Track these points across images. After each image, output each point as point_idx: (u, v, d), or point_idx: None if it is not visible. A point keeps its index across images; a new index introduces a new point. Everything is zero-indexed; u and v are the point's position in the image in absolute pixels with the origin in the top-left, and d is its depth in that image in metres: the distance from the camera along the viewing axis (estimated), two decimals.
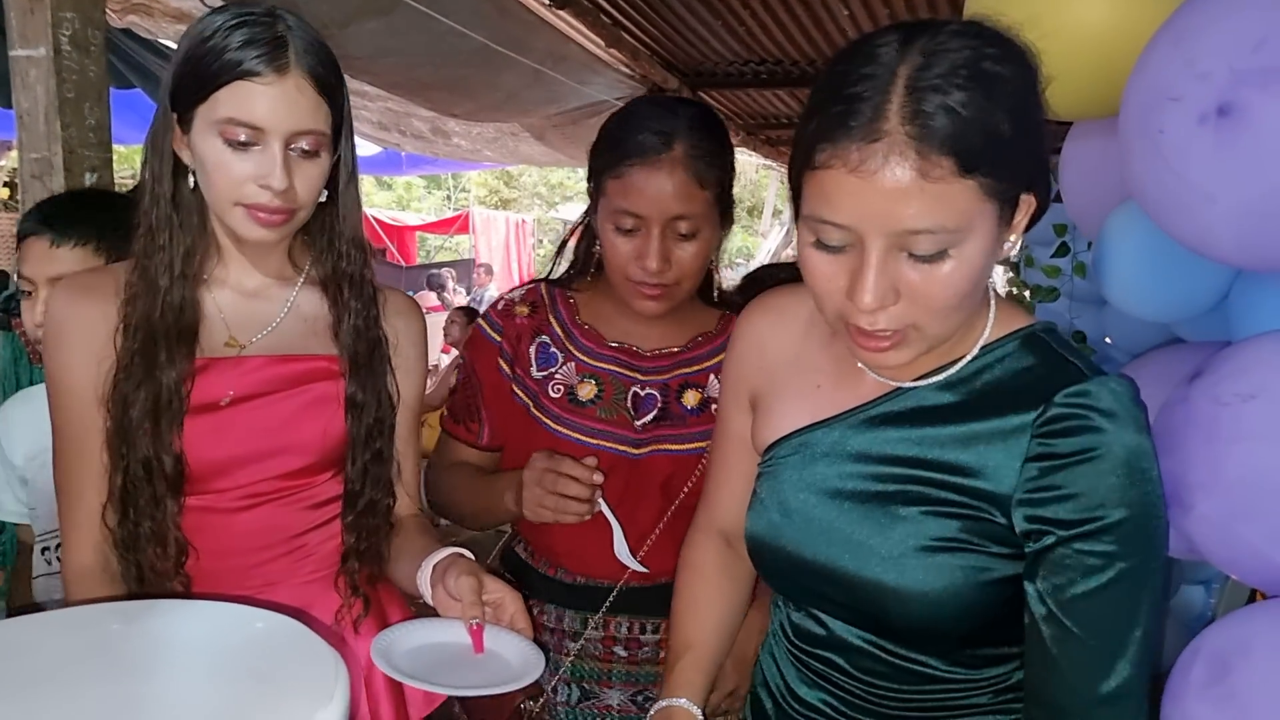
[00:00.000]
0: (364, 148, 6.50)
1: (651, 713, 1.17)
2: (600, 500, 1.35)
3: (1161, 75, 1.10)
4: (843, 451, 1.03)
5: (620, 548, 1.41)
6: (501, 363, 1.49)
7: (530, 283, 1.59)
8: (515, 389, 1.49)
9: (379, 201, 18.53)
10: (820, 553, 1.02)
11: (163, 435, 1.16)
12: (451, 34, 3.93)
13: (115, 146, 2.62)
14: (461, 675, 1.09)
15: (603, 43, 4.86)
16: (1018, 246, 0.94)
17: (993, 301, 1.01)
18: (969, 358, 0.99)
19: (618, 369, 1.49)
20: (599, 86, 5.27)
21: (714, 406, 1.44)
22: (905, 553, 0.96)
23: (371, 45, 3.95)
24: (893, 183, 0.82)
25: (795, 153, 0.92)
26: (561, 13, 4.36)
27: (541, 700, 1.52)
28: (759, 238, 14.83)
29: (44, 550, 1.67)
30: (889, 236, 0.85)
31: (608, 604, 1.48)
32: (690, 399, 1.49)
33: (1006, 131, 0.83)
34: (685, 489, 1.46)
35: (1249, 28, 1.03)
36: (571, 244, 1.59)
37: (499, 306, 1.53)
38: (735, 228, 1.53)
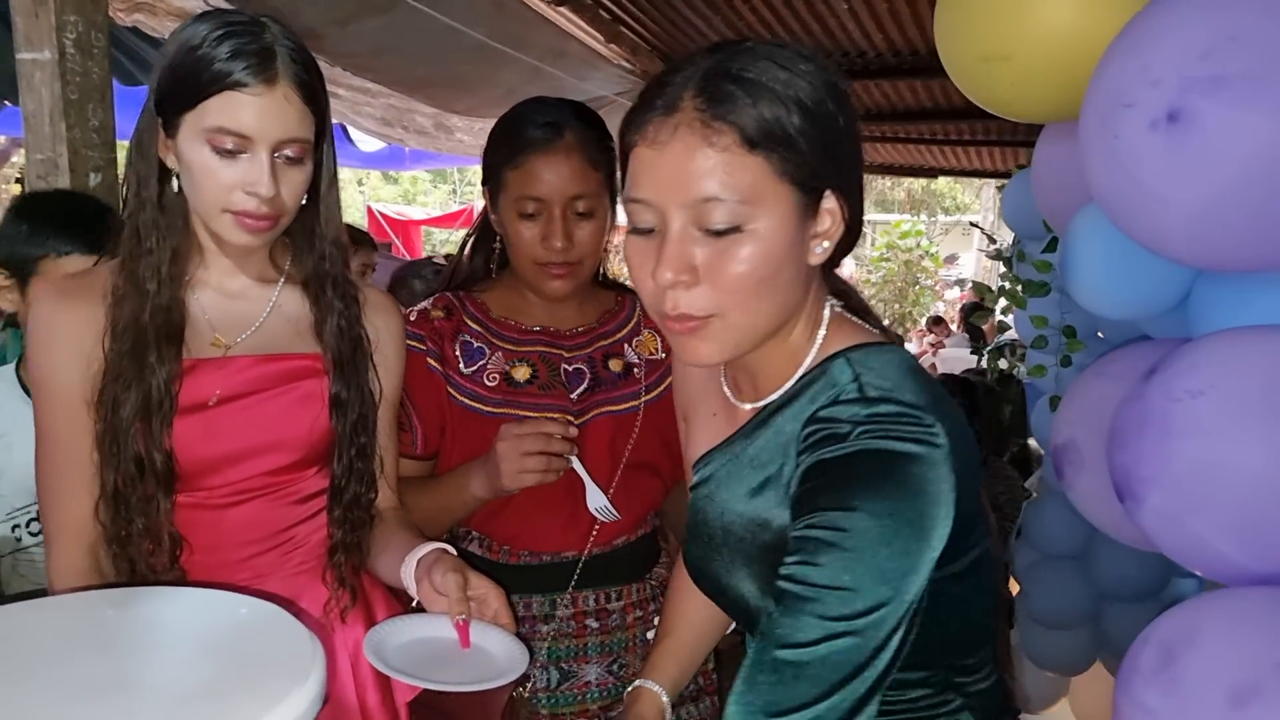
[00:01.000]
0: (367, 143, 6.52)
1: (628, 690, 1.24)
2: (572, 456, 1.44)
3: (1116, 82, 1.14)
4: (723, 485, 1.06)
5: (594, 498, 1.50)
6: (431, 362, 1.54)
7: (434, 293, 1.66)
8: (449, 387, 1.55)
9: (385, 196, 18.59)
10: (718, 576, 1.05)
11: (154, 434, 1.19)
12: (450, 31, 3.97)
13: (121, 143, 2.67)
14: (450, 671, 1.13)
15: (602, 38, 4.89)
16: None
17: (825, 322, 1.01)
18: (793, 379, 1.00)
19: (545, 349, 1.59)
20: (599, 82, 5.30)
21: (636, 370, 1.61)
22: (762, 575, 0.99)
23: (371, 43, 3.98)
24: (682, 150, 0.88)
25: (618, 149, 0.99)
26: (561, 9, 4.39)
27: (529, 685, 1.58)
28: None
29: (14, 527, 1.71)
30: (685, 208, 0.89)
31: (575, 577, 1.56)
32: (615, 366, 1.62)
33: (794, 121, 0.89)
34: (628, 447, 1.57)
35: (1197, 38, 1.07)
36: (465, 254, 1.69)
37: (412, 318, 1.57)
38: None
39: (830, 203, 0.94)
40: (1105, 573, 2.41)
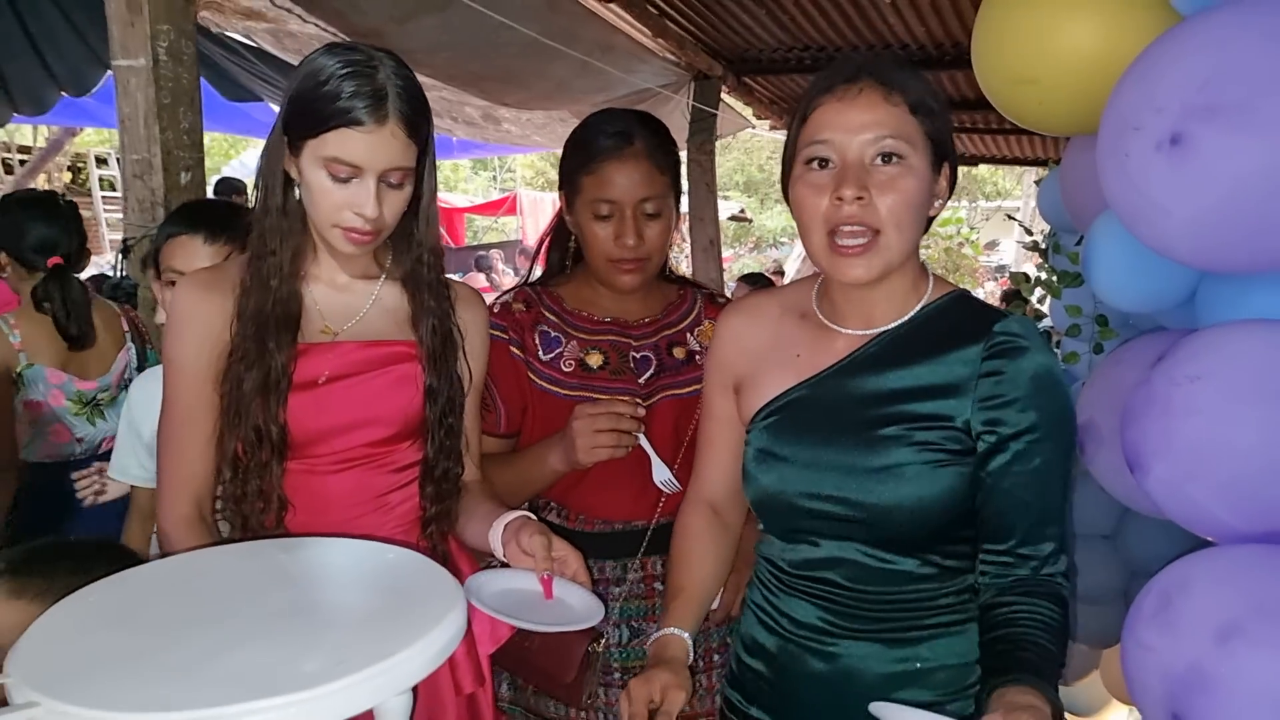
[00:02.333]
0: None
1: (651, 639, 1.37)
2: (639, 434, 1.59)
3: (1127, 107, 1.28)
4: (830, 398, 1.28)
5: (659, 472, 1.64)
6: (513, 349, 1.71)
7: (514, 287, 1.82)
8: (529, 373, 1.70)
9: None
10: (819, 484, 1.26)
11: (271, 408, 1.35)
12: (503, 28, 4.08)
13: None
14: (537, 614, 1.29)
15: (649, 33, 4.99)
16: (944, 208, 1.29)
17: (931, 276, 1.32)
18: (916, 309, 1.28)
19: (615, 338, 1.74)
20: (646, 75, 5.39)
21: (698, 357, 1.73)
22: (893, 466, 1.21)
23: (428, 40, 4.09)
24: (867, 103, 1.20)
25: (794, 122, 1.27)
26: (610, 5, 4.51)
27: (603, 641, 1.73)
28: None
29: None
30: (866, 144, 1.19)
31: (645, 543, 1.71)
32: (679, 353, 1.76)
33: (936, 105, 1.23)
34: (691, 427, 1.69)
35: (1197, 70, 1.21)
36: (543, 252, 1.86)
37: (495, 310, 1.72)
38: (779, 207, 1.82)
39: (945, 170, 1.25)
40: (1135, 550, 2.52)
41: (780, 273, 10.01)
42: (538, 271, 1.88)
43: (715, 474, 1.46)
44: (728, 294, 5.91)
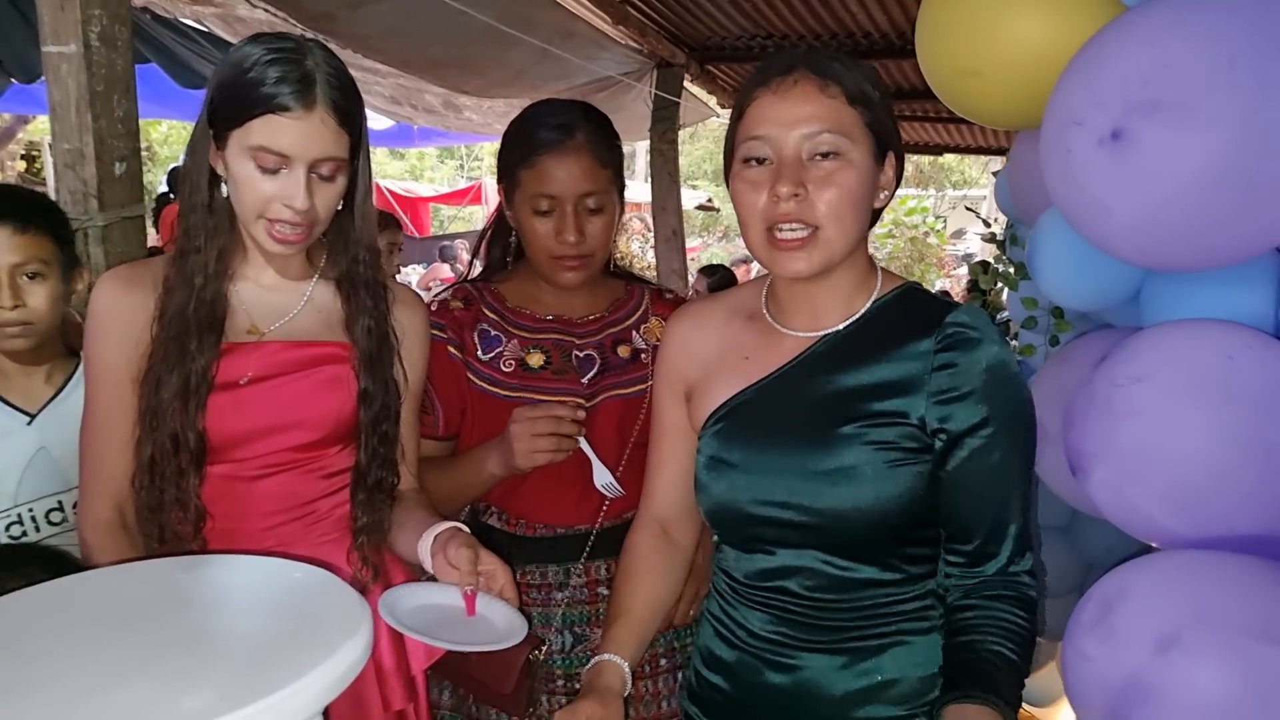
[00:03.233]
0: (376, 121, 6.58)
1: (588, 667, 1.33)
2: (580, 438, 1.55)
3: (1069, 102, 1.25)
4: (779, 400, 1.24)
5: (600, 475, 1.60)
6: (451, 349, 1.65)
7: (454, 284, 1.77)
8: (468, 373, 1.65)
9: (392, 172, 18.54)
10: (770, 490, 1.22)
11: (189, 414, 1.30)
12: (459, 13, 4.02)
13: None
14: (454, 632, 1.24)
15: (610, 20, 4.94)
16: (891, 199, 1.25)
17: (879, 271, 1.29)
18: (866, 306, 1.25)
19: (557, 336, 1.69)
20: (607, 62, 5.35)
21: (644, 355, 1.69)
22: (848, 468, 1.18)
23: (382, 25, 4.03)
24: (802, 95, 1.16)
25: (733, 115, 1.23)
26: None
27: (545, 648, 1.69)
28: None
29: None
30: (802, 139, 1.15)
31: (588, 548, 1.67)
32: (623, 351, 1.71)
33: (875, 94, 1.19)
34: (636, 427, 1.66)
35: (1138, 65, 1.19)
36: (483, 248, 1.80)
37: (433, 308, 1.67)
38: None
39: (890, 161, 1.22)
40: (1091, 543, 2.52)
41: (748, 260, 9.98)
42: (478, 268, 1.83)
43: (667, 491, 1.42)
44: (690, 283, 5.90)
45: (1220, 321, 1.34)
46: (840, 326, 1.25)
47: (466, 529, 1.35)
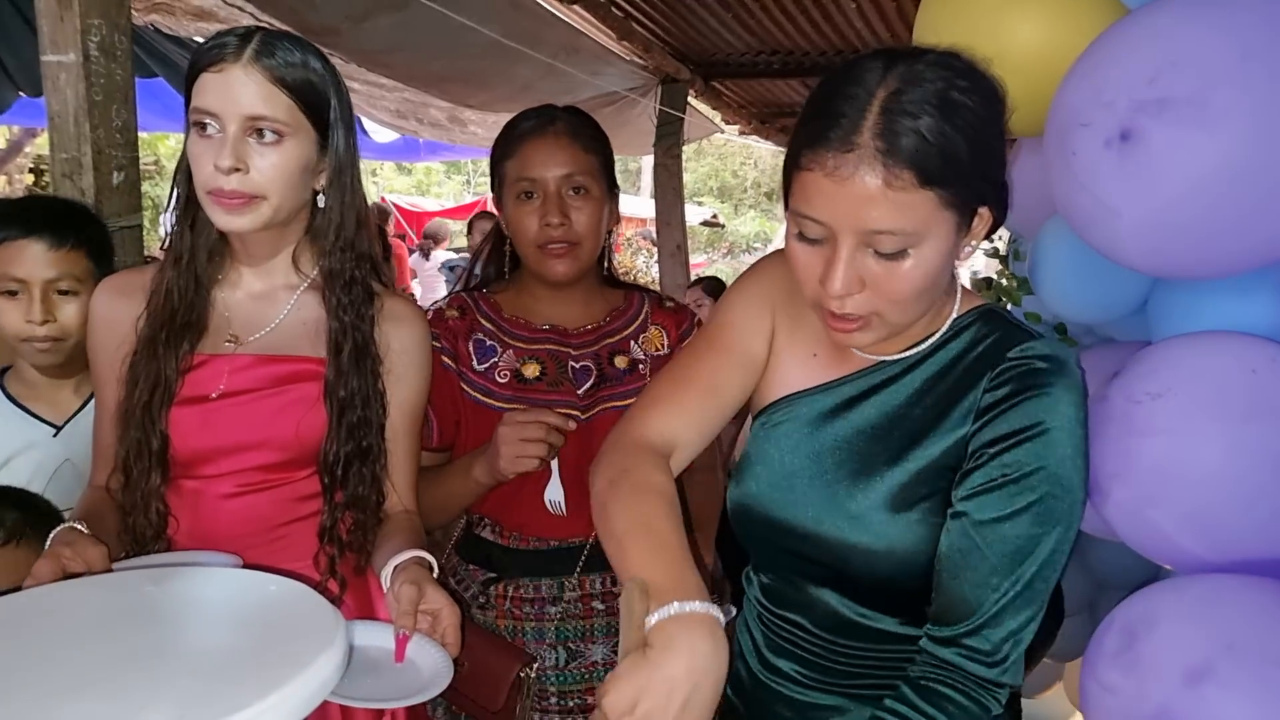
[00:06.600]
0: (382, 134, 6.61)
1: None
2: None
3: (1074, 103, 1.21)
4: (829, 418, 1.15)
5: (554, 491, 1.58)
6: (445, 359, 1.61)
7: (451, 293, 1.74)
8: (462, 384, 1.62)
9: (398, 187, 18.64)
10: (797, 514, 1.13)
11: (152, 416, 1.29)
12: (464, 29, 4.02)
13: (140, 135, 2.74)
14: (364, 684, 1.09)
15: (615, 35, 4.94)
16: (977, 251, 1.10)
17: (959, 289, 1.14)
18: (940, 333, 1.12)
19: (553, 347, 1.66)
20: (612, 78, 5.35)
21: (641, 367, 1.65)
22: (873, 509, 1.08)
23: (386, 40, 4.04)
24: (861, 188, 0.95)
25: (787, 155, 1.05)
26: (574, 7, 4.45)
27: (536, 665, 1.65)
28: (777, 222, 14.86)
29: None
30: (857, 234, 0.97)
31: (582, 561, 1.63)
32: (621, 363, 1.68)
33: (964, 154, 0.96)
34: None
35: (1145, 63, 1.14)
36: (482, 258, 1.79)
37: (429, 317, 1.61)
38: (753, 212, 1.72)
39: (983, 214, 1.03)
40: (1101, 563, 2.47)
41: None
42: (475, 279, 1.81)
43: (683, 427, 1.17)
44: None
45: (1240, 334, 1.28)
46: (911, 352, 1.13)
47: (429, 559, 1.26)
